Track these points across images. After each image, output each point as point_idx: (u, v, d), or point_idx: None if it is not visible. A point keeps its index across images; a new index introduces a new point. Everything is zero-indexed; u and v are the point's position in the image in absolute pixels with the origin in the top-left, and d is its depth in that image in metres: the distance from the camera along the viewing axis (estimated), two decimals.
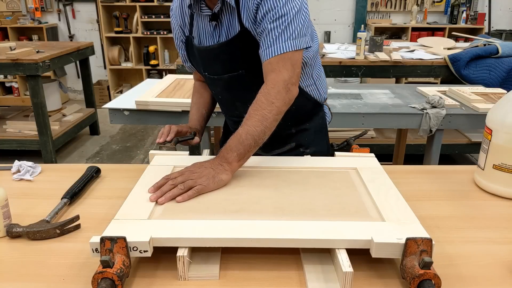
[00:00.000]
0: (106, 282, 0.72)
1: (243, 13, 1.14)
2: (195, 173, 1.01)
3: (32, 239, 0.92)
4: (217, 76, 1.28)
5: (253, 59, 1.18)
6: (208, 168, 1.03)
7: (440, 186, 1.18)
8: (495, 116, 1.11)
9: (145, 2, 5.24)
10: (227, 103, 1.39)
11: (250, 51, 1.18)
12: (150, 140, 4.37)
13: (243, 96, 1.23)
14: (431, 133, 2.30)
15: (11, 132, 3.71)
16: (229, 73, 1.24)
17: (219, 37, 1.22)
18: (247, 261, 0.84)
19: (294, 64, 1.12)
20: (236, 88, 1.27)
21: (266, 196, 0.98)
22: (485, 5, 5.48)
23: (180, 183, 0.98)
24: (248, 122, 1.07)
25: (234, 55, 1.21)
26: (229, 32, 1.20)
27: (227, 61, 1.23)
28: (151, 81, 2.89)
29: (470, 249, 0.90)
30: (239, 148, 1.04)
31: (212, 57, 1.25)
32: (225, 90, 1.32)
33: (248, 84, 1.21)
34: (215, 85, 1.34)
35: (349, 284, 0.74)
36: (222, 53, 1.22)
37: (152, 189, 0.98)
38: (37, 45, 3.89)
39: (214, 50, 1.23)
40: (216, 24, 1.21)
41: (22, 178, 1.20)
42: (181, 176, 1.00)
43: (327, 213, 0.90)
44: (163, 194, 0.95)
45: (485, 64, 3.14)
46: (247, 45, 1.17)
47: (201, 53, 1.27)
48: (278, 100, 1.08)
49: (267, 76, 1.12)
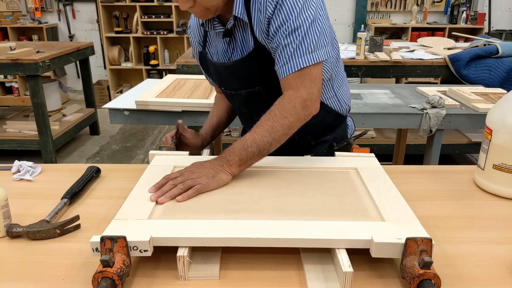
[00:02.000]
0: (106, 281, 0.72)
1: (256, 28, 1.11)
2: (194, 173, 1.01)
3: (32, 239, 0.92)
4: (234, 92, 1.27)
5: (269, 75, 1.14)
6: (208, 167, 1.03)
7: (440, 186, 1.18)
8: (495, 116, 1.11)
9: (145, 2, 5.24)
10: (246, 117, 1.38)
11: (266, 67, 1.14)
12: (150, 140, 4.37)
13: (262, 111, 1.18)
14: (431, 133, 2.30)
15: (11, 132, 3.71)
16: (246, 89, 1.23)
17: (232, 53, 1.21)
18: (247, 261, 0.84)
19: (314, 80, 1.07)
20: (254, 103, 1.25)
21: (266, 196, 0.98)
22: (485, 5, 5.48)
23: (180, 182, 0.98)
24: (257, 130, 1.06)
25: (250, 71, 1.19)
26: (243, 47, 1.18)
27: (243, 78, 1.21)
28: (151, 81, 2.89)
29: (470, 249, 0.90)
30: (242, 153, 1.04)
31: (228, 74, 1.24)
32: (243, 105, 1.31)
33: (266, 99, 1.17)
34: (233, 99, 1.34)
35: (349, 284, 0.74)
36: (238, 70, 1.20)
37: (153, 189, 0.98)
38: (37, 45, 3.90)
39: (230, 67, 1.21)
40: (230, 40, 1.19)
41: (22, 178, 1.20)
42: (181, 176, 1.01)
43: (327, 213, 0.90)
44: (163, 194, 0.95)
45: (485, 64, 3.14)
46: (262, 61, 1.14)
47: (217, 69, 1.26)
48: (291, 116, 1.05)
49: (284, 91, 1.09)
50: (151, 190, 0.98)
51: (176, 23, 5.33)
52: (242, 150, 1.04)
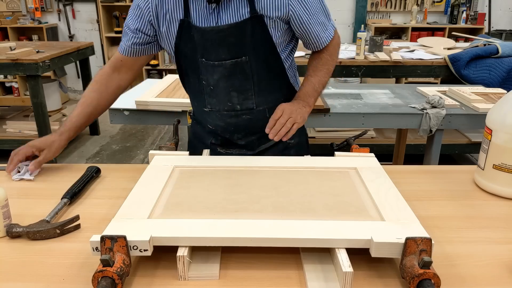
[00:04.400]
0: (106, 280, 0.72)
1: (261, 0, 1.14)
2: (293, 113, 1.19)
3: (32, 239, 0.92)
4: (218, 62, 1.23)
5: (258, 45, 1.20)
6: (298, 108, 1.21)
7: (440, 186, 1.18)
8: (495, 116, 1.11)
9: None
10: (221, 94, 1.30)
11: (258, 37, 1.18)
12: (150, 140, 4.37)
13: (241, 86, 1.26)
14: (431, 133, 2.30)
15: (11, 132, 3.71)
16: (232, 58, 1.22)
17: (218, 20, 1.18)
18: (247, 261, 0.84)
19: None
20: (236, 76, 1.25)
21: (266, 196, 0.98)
22: (485, 5, 5.48)
23: (285, 121, 1.17)
24: (319, 73, 1.31)
25: (242, 39, 1.19)
26: (233, 14, 1.17)
27: (233, 45, 1.20)
28: (151, 81, 2.89)
29: (470, 249, 0.90)
30: (314, 94, 1.28)
31: (217, 40, 1.20)
32: (223, 78, 1.26)
33: (249, 71, 1.23)
34: (212, 72, 1.26)
35: (349, 284, 0.74)
36: (230, 35, 1.18)
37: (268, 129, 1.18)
38: (37, 45, 3.90)
39: (221, 32, 1.18)
40: (216, 6, 1.17)
41: (22, 178, 1.19)
42: (283, 115, 1.18)
43: (327, 213, 0.90)
44: (277, 132, 1.16)
45: (485, 64, 3.14)
46: (256, 31, 1.17)
47: (204, 36, 1.20)
48: (335, 57, 1.36)
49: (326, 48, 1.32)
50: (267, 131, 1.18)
51: None
52: (313, 91, 1.29)
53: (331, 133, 3.30)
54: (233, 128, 1.35)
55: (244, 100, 1.28)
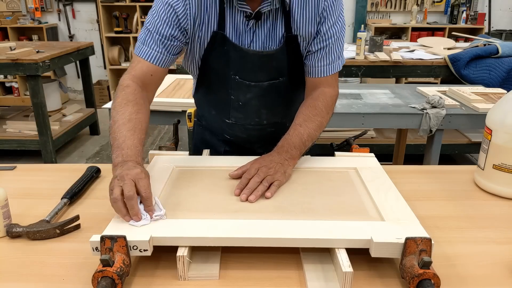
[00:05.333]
0: (106, 280, 0.72)
1: (296, 18, 1.12)
2: (270, 169, 1.03)
3: (32, 239, 0.92)
4: (255, 83, 1.19)
5: (295, 67, 1.19)
6: (278, 163, 1.05)
7: (440, 186, 1.18)
8: (495, 116, 1.11)
9: (145, 2, 5.24)
10: (251, 110, 1.25)
11: (294, 58, 1.18)
12: (150, 140, 4.37)
13: (273, 104, 1.24)
14: (431, 133, 2.30)
15: (11, 132, 3.71)
16: (270, 80, 1.19)
17: (253, 39, 1.14)
18: (247, 261, 0.84)
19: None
20: (270, 95, 1.22)
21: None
22: (485, 5, 5.48)
23: (261, 179, 0.99)
24: (309, 125, 1.13)
25: (282, 62, 1.17)
26: (269, 35, 1.14)
27: (273, 69, 1.18)
28: None
29: (470, 249, 0.90)
30: (301, 147, 1.11)
31: (258, 63, 1.16)
32: (256, 97, 1.22)
33: (283, 91, 1.22)
34: (245, 91, 1.21)
35: (349, 284, 0.74)
36: (272, 60, 1.16)
37: (238, 191, 0.98)
38: (37, 45, 3.90)
39: (265, 57, 1.15)
40: (255, 24, 1.12)
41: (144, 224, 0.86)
42: (259, 172, 1.01)
43: (327, 213, 0.90)
44: (251, 192, 0.96)
45: (485, 64, 3.14)
46: (293, 52, 1.16)
47: (244, 57, 1.15)
48: (331, 112, 1.21)
49: (324, 89, 1.19)
50: (236, 192, 0.97)
51: None
52: (301, 144, 1.11)
53: (331, 133, 3.29)
54: (255, 139, 1.33)
55: (273, 115, 1.27)
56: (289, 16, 1.12)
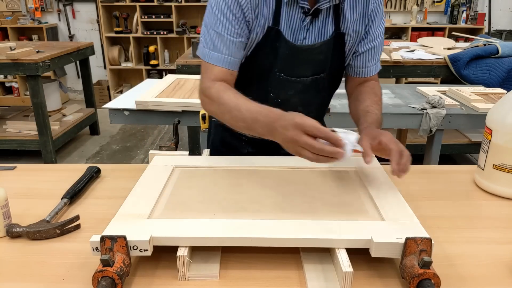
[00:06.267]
0: (106, 280, 0.72)
1: (347, 16, 1.13)
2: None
3: (32, 239, 0.92)
4: (299, 79, 1.19)
5: (336, 62, 1.21)
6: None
7: (440, 186, 1.18)
8: (495, 116, 1.11)
9: (145, 2, 5.24)
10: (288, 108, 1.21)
11: (337, 53, 1.19)
12: (150, 140, 4.37)
13: (310, 100, 1.24)
14: (431, 133, 2.30)
15: (11, 132, 3.71)
16: (313, 75, 1.20)
17: (306, 35, 1.13)
18: (247, 261, 0.84)
19: None
20: (309, 91, 1.22)
21: (266, 196, 0.98)
22: (485, 5, 5.48)
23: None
24: (379, 108, 1.18)
25: (326, 56, 1.18)
26: (320, 31, 1.14)
27: (318, 63, 1.18)
28: (151, 81, 2.89)
29: (470, 249, 0.90)
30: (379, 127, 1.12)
31: (304, 58, 1.16)
32: (297, 93, 1.21)
33: (321, 87, 1.23)
34: (288, 87, 1.19)
35: (349, 284, 0.74)
36: (317, 54, 1.16)
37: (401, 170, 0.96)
38: (37, 45, 3.90)
39: (315, 49, 1.14)
40: (311, 20, 1.12)
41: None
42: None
43: (327, 213, 0.90)
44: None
45: (485, 64, 3.14)
46: (338, 48, 1.18)
47: (293, 52, 1.13)
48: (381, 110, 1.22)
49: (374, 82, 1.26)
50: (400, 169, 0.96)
51: (176, 23, 5.33)
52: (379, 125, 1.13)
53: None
54: None
55: (307, 113, 1.26)
56: (339, 13, 1.13)
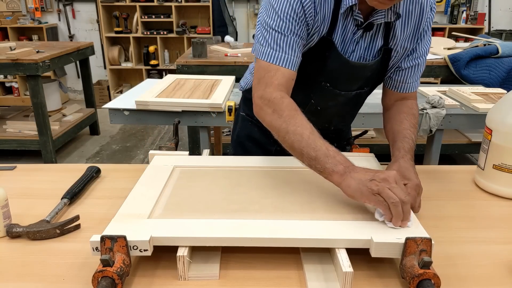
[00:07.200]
0: (106, 280, 0.72)
1: (397, 32, 1.10)
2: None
3: (32, 239, 0.92)
4: (344, 92, 1.18)
5: (378, 77, 1.21)
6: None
7: (440, 186, 1.18)
8: (495, 116, 1.11)
9: (145, 2, 5.24)
10: (326, 116, 1.21)
11: (381, 70, 1.18)
12: (150, 140, 4.37)
13: (346, 112, 1.25)
14: (431, 133, 2.30)
15: (11, 132, 3.71)
16: (357, 90, 1.19)
17: (355, 49, 1.12)
18: (247, 261, 0.84)
19: None
20: (350, 104, 1.22)
21: (266, 196, 0.98)
22: (485, 5, 5.48)
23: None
24: (414, 131, 1.13)
25: (373, 73, 1.17)
26: (369, 46, 1.12)
27: (365, 79, 1.17)
28: (151, 81, 2.89)
29: (470, 249, 0.90)
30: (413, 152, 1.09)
31: (356, 73, 1.15)
32: (339, 104, 1.21)
33: (361, 101, 1.24)
34: (331, 98, 1.19)
35: (349, 284, 0.74)
36: (368, 70, 1.14)
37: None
38: (37, 45, 3.90)
39: (368, 67, 1.13)
40: (363, 34, 1.10)
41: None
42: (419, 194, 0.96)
43: (327, 213, 0.90)
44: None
45: (485, 64, 3.14)
46: (383, 64, 1.16)
47: (348, 67, 1.12)
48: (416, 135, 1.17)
49: (408, 99, 1.22)
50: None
51: (176, 23, 5.33)
52: (412, 152, 1.08)
53: None
54: None
55: (341, 122, 1.28)
56: (390, 29, 1.11)
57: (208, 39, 3.65)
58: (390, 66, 1.18)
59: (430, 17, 1.13)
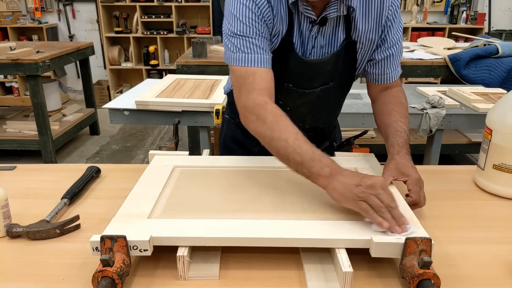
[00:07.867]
0: (106, 280, 0.72)
1: (358, 25, 1.09)
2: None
3: (32, 239, 0.92)
4: (309, 90, 1.18)
5: (345, 71, 1.19)
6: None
7: (440, 186, 1.18)
8: (495, 116, 1.11)
9: (145, 2, 5.24)
10: (297, 116, 1.16)
11: (347, 62, 1.17)
12: (150, 140, 4.37)
13: (319, 109, 1.23)
14: (431, 133, 2.30)
15: (11, 132, 3.71)
16: (321, 86, 1.18)
17: (314, 45, 1.11)
18: (247, 261, 0.84)
19: None
20: (319, 100, 1.21)
21: (266, 196, 0.98)
22: (485, 5, 5.48)
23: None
24: (406, 121, 1.12)
25: (336, 66, 1.15)
26: (330, 39, 1.11)
27: (327, 73, 1.16)
28: (151, 81, 2.89)
29: (470, 249, 0.90)
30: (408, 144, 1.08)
31: (315, 71, 1.14)
32: (306, 103, 1.21)
33: (330, 95, 1.22)
34: (297, 98, 1.20)
35: (349, 284, 0.74)
36: (328, 65, 1.14)
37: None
38: (37, 45, 3.90)
39: (323, 63, 1.12)
40: (319, 30, 1.09)
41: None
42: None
43: (327, 213, 0.90)
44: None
45: (485, 64, 3.13)
46: (348, 57, 1.15)
47: (307, 67, 1.13)
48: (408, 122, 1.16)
49: (398, 89, 1.21)
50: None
51: (176, 23, 5.33)
52: (407, 145, 1.08)
53: None
54: None
55: (316, 120, 1.26)
56: (350, 22, 1.10)
57: (208, 39, 3.64)
58: (360, 59, 1.18)
59: (394, 5, 1.11)
